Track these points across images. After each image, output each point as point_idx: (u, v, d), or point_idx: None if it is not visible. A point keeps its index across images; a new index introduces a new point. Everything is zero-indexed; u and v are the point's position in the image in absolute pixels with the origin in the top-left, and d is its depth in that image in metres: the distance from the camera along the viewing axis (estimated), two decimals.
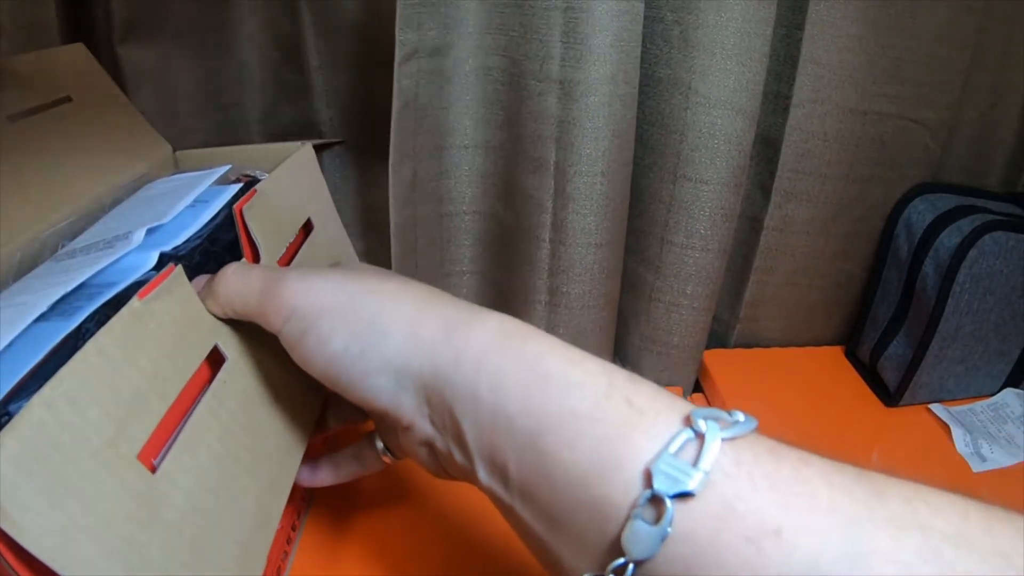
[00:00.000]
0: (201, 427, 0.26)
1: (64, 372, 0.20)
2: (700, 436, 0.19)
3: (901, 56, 0.51)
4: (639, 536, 0.18)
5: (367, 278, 0.27)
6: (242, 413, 0.28)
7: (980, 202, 0.55)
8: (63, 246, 0.33)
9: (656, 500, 0.18)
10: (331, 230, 0.43)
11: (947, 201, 0.54)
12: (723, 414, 0.20)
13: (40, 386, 0.20)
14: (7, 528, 0.18)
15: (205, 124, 0.52)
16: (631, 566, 0.19)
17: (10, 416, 0.19)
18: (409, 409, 0.25)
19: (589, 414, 0.21)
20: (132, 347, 0.23)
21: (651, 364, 0.58)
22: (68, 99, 0.38)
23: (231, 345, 0.29)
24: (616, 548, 0.19)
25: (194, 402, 0.26)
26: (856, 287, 0.62)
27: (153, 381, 0.24)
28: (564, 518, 0.21)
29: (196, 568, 0.24)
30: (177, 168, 0.44)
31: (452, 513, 0.42)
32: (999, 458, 0.50)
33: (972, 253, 0.49)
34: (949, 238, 0.51)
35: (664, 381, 0.58)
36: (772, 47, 0.48)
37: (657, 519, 0.18)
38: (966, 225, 0.51)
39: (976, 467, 0.49)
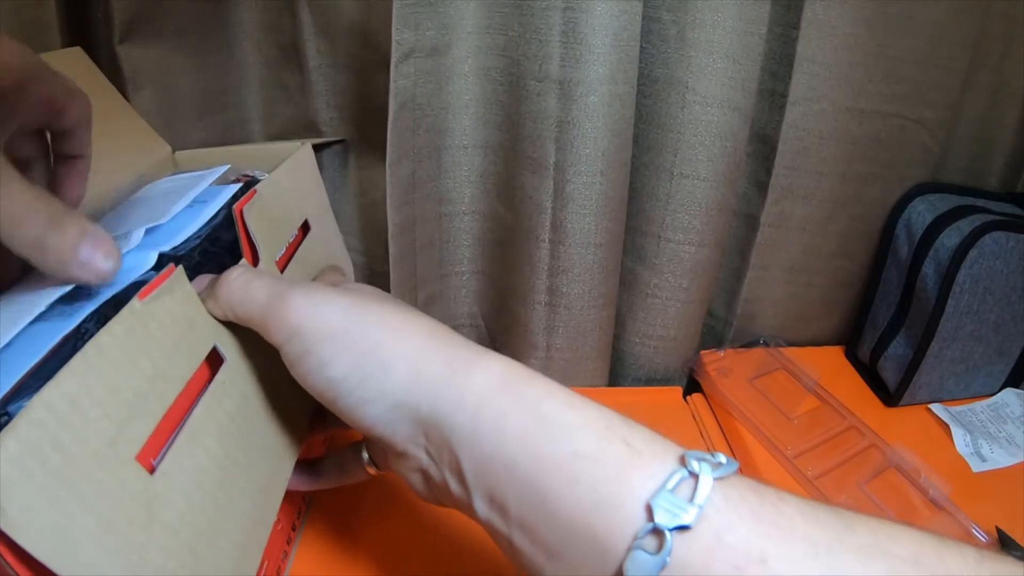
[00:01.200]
0: (199, 428, 0.26)
1: (64, 372, 0.20)
2: (694, 476, 0.21)
3: (898, 56, 0.51)
4: (640, 565, 0.20)
5: (372, 305, 0.27)
6: (239, 415, 0.28)
7: (980, 202, 0.55)
8: None
9: (656, 532, 0.20)
10: (327, 231, 0.43)
11: (947, 201, 0.54)
12: (708, 456, 0.22)
13: (40, 386, 0.20)
14: (6, 528, 0.18)
15: (205, 124, 0.52)
16: None
17: (10, 416, 0.19)
18: (404, 438, 0.26)
19: (590, 455, 0.22)
20: (132, 347, 0.23)
21: (647, 358, 0.58)
22: None
23: (230, 347, 0.29)
24: (615, 575, 0.21)
25: (193, 403, 0.26)
26: (855, 285, 0.62)
27: (153, 382, 0.24)
28: (564, 550, 0.22)
29: (193, 568, 0.24)
30: (176, 168, 0.44)
31: (451, 513, 0.42)
32: (999, 458, 0.50)
33: (972, 253, 0.49)
34: (949, 238, 0.51)
35: (659, 374, 0.59)
36: (768, 46, 0.49)
37: (657, 549, 0.20)
38: (966, 225, 0.51)
39: (976, 467, 0.49)
